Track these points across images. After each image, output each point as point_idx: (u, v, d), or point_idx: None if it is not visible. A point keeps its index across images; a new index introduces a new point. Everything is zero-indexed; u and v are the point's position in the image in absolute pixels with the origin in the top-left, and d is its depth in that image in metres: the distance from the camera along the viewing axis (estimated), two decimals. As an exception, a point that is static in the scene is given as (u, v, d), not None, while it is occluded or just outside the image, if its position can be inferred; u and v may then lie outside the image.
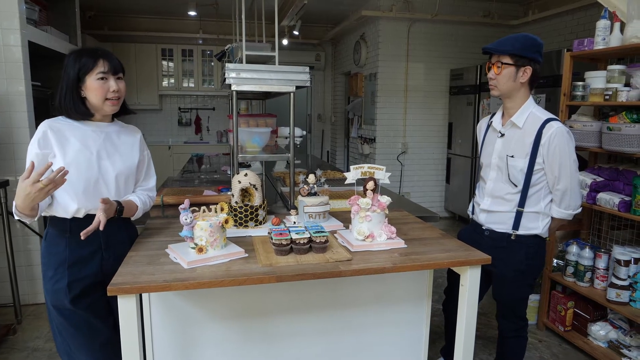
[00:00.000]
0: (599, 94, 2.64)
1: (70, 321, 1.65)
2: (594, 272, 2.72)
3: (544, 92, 4.19)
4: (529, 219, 1.99)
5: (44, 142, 1.56)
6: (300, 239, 1.59)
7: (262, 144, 2.44)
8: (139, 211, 1.78)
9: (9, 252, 3.02)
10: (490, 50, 1.93)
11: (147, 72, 7.04)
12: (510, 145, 1.97)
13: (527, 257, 2.00)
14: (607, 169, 2.73)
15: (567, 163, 1.88)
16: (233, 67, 2.03)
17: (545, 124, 1.88)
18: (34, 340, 2.85)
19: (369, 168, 1.85)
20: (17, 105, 3.13)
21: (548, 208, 2.00)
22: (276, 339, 1.90)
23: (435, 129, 6.01)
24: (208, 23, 6.99)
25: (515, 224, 1.99)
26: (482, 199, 2.12)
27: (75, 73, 1.58)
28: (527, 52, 1.86)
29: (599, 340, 2.72)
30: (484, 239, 2.08)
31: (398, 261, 1.59)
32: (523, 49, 1.86)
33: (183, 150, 7.17)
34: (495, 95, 1.98)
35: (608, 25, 2.62)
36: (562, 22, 5.18)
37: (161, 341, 1.77)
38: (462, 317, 1.71)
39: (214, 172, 4.12)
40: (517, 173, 1.94)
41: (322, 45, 7.71)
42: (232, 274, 1.46)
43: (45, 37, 3.56)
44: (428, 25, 5.71)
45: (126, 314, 1.39)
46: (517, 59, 1.87)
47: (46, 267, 1.64)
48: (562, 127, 1.88)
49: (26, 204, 1.42)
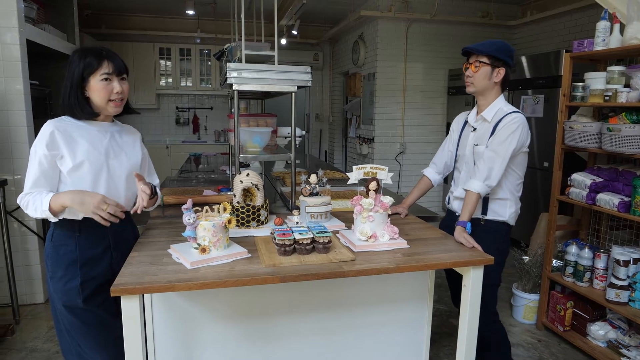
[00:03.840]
0: (598, 94, 2.65)
1: (82, 320, 1.64)
2: (593, 272, 2.73)
3: (542, 93, 4.20)
4: (498, 205, 2.11)
5: (51, 143, 1.55)
6: (304, 239, 1.59)
7: (262, 143, 2.44)
8: (157, 200, 1.83)
9: (7, 252, 3.00)
10: (471, 50, 2.08)
11: (144, 71, 7.01)
12: (478, 136, 2.12)
13: (495, 241, 2.07)
14: (607, 169, 2.74)
15: (502, 137, 1.98)
16: (235, 67, 2.03)
17: (507, 115, 2.02)
18: (32, 341, 2.83)
19: (372, 168, 1.84)
20: (16, 104, 3.11)
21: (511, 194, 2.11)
22: (277, 339, 1.90)
23: (434, 129, 6.02)
24: (206, 22, 6.98)
25: (484, 209, 2.12)
26: (455, 188, 2.26)
27: (79, 72, 1.57)
28: (502, 54, 2.03)
29: (598, 340, 2.73)
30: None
31: (401, 261, 1.59)
32: (499, 52, 2.03)
33: (181, 149, 7.14)
34: (471, 91, 2.12)
35: (608, 26, 2.63)
36: (560, 23, 5.19)
37: (163, 341, 1.76)
38: (465, 317, 1.71)
39: (211, 171, 4.11)
40: (479, 159, 2.06)
41: (320, 45, 7.71)
42: (236, 275, 1.45)
43: (44, 36, 3.55)
44: (427, 26, 5.72)
45: (129, 314, 1.38)
46: (493, 59, 2.03)
47: (55, 267, 1.63)
48: (520, 116, 2.01)
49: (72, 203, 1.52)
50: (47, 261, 1.66)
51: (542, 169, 4.26)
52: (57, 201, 1.53)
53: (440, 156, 2.37)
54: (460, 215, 1.97)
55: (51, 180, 1.58)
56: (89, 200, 1.52)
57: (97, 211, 1.52)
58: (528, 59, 4.42)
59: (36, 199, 1.53)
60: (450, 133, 2.35)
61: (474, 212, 1.99)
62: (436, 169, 2.37)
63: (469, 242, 1.78)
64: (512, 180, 2.10)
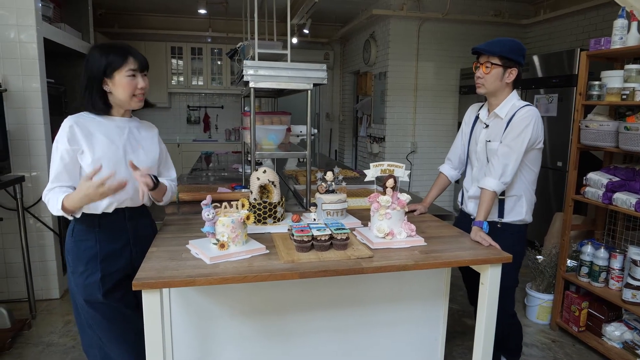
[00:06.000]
0: (615, 93, 2.62)
1: (103, 314, 1.66)
2: (608, 273, 2.71)
3: (556, 92, 4.17)
4: (514, 205, 2.09)
5: (72, 137, 1.57)
6: (322, 235, 1.59)
7: (277, 141, 2.45)
8: (167, 192, 1.83)
9: (24, 248, 3.04)
10: (481, 50, 2.02)
11: (156, 70, 7.05)
12: (491, 133, 2.09)
13: (513, 243, 2.04)
14: (624, 169, 2.71)
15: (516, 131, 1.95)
16: (251, 64, 2.04)
17: (520, 109, 1.98)
18: (48, 335, 2.87)
19: (389, 166, 1.84)
20: (33, 101, 3.15)
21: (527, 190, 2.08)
22: (292, 336, 1.91)
23: (445, 128, 5.99)
24: (217, 21, 7.01)
25: (500, 211, 2.10)
26: (469, 185, 2.24)
27: (101, 68, 1.58)
28: (515, 54, 1.97)
29: (613, 341, 2.71)
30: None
31: (419, 259, 1.59)
32: (511, 52, 1.97)
33: (192, 148, 7.18)
34: (482, 93, 2.09)
35: (625, 24, 2.60)
36: (574, 21, 5.15)
37: (180, 335, 1.78)
38: (482, 315, 1.70)
39: (222, 170, 4.13)
40: (492, 156, 2.03)
41: (330, 44, 7.71)
42: (255, 270, 1.46)
43: (60, 34, 3.58)
44: (438, 25, 5.70)
45: (150, 308, 1.40)
46: (505, 60, 1.97)
47: (76, 262, 1.65)
48: (533, 109, 1.98)
49: (83, 202, 1.51)
50: (68, 256, 1.68)
51: (555, 168, 4.23)
52: (69, 203, 1.52)
53: (454, 151, 2.36)
54: (476, 216, 1.96)
55: (72, 174, 1.60)
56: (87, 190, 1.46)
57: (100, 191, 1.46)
58: (541, 58, 4.39)
59: (53, 198, 1.55)
60: (462, 126, 2.34)
61: (489, 211, 1.97)
62: (451, 164, 2.37)
63: (485, 240, 1.77)
64: (527, 177, 2.08)
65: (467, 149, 2.26)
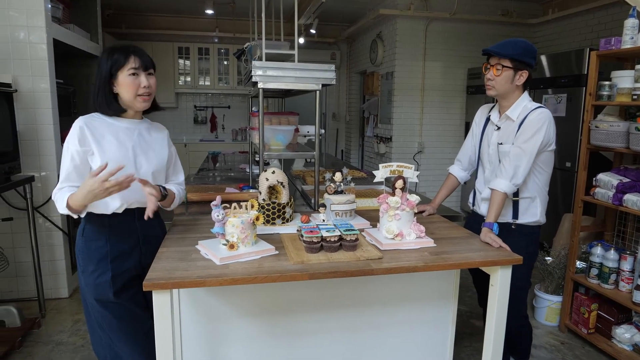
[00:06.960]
0: (626, 93, 2.60)
1: (114, 313, 1.67)
2: (619, 274, 2.69)
3: (565, 92, 4.14)
4: (528, 206, 2.07)
5: (82, 138, 1.58)
6: (331, 236, 1.59)
7: (286, 141, 2.45)
8: (176, 199, 1.83)
9: (34, 247, 3.06)
10: (492, 52, 1.99)
11: (163, 70, 7.07)
12: (503, 135, 2.07)
13: (526, 245, 2.04)
14: (634, 170, 2.69)
15: (529, 134, 1.94)
16: (260, 65, 2.04)
17: (533, 111, 1.97)
18: (58, 334, 2.89)
19: (398, 167, 1.84)
20: (42, 102, 3.17)
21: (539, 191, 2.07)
22: (301, 336, 1.91)
23: (452, 128, 5.97)
24: (224, 22, 7.02)
25: (515, 213, 2.08)
26: (482, 186, 2.22)
27: (107, 69, 1.60)
28: (526, 57, 1.95)
29: (623, 344, 2.68)
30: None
31: (429, 260, 1.58)
32: (522, 54, 1.94)
33: (199, 148, 7.21)
34: (492, 95, 2.06)
35: (636, 24, 2.58)
36: (583, 21, 5.11)
37: (189, 335, 1.78)
38: (492, 317, 1.69)
39: (229, 170, 4.13)
40: (504, 157, 2.02)
41: (337, 44, 7.70)
42: (265, 271, 1.46)
43: (69, 35, 3.60)
44: (446, 24, 5.68)
45: (160, 308, 1.40)
46: (516, 63, 1.95)
47: (86, 262, 1.66)
48: (546, 111, 1.96)
49: (87, 200, 1.48)
50: (78, 256, 1.69)
51: (564, 169, 4.20)
52: (73, 200, 1.51)
53: (464, 153, 2.35)
54: (486, 217, 1.95)
55: (82, 175, 1.60)
56: (92, 186, 1.44)
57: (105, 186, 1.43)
58: (549, 58, 4.35)
59: (60, 197, 1.55)
60: (472, 128, 2.32)
61: (500, 213, 1.96)
62: (461, 165, 2.36)
63: (495, 241, 1.76)
64: (540, 178, 2.07)
65: (479, 151, 2.24)
